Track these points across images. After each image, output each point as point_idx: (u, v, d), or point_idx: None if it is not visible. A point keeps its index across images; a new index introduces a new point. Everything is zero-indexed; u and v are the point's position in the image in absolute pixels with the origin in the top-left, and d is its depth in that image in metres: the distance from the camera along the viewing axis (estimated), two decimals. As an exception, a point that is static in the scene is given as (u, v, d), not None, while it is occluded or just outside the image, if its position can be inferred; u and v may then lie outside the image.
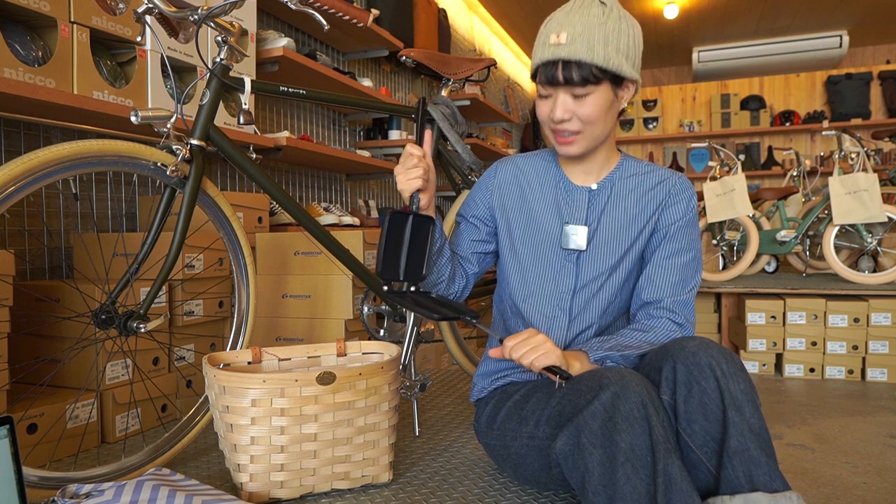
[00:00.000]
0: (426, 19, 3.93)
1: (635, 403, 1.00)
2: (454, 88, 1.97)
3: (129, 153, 1.31)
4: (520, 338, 1.16)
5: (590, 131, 1.23)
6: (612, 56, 1.17)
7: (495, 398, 1.36)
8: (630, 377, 1.05)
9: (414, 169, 1.23)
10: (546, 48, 1.19)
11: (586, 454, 1.01)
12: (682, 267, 1.31)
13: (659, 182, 1.34)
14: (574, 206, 1.34)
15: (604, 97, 1.20)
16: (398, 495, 1.36)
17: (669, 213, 1.32)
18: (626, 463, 0.97)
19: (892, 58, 6.90)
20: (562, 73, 1.18)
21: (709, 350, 1.08)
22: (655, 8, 5.67)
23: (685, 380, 1.07)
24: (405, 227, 1.21)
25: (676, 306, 1.29)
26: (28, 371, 1.75)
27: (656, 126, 7.10)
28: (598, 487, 0.98)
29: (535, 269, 1.35)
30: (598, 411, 1.02)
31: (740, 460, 1.00)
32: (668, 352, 1.12)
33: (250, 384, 1.25)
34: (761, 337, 2.71)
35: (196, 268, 1.92)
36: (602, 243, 1.32)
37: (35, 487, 1.20)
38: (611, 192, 1.34)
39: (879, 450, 1.72)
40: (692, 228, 1.33)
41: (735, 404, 1.03)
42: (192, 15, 1.37)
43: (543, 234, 1.35)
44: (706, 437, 1.04)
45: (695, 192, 1.35)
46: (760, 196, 3.62)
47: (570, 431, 1.05)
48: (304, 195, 3.28)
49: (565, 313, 1.33)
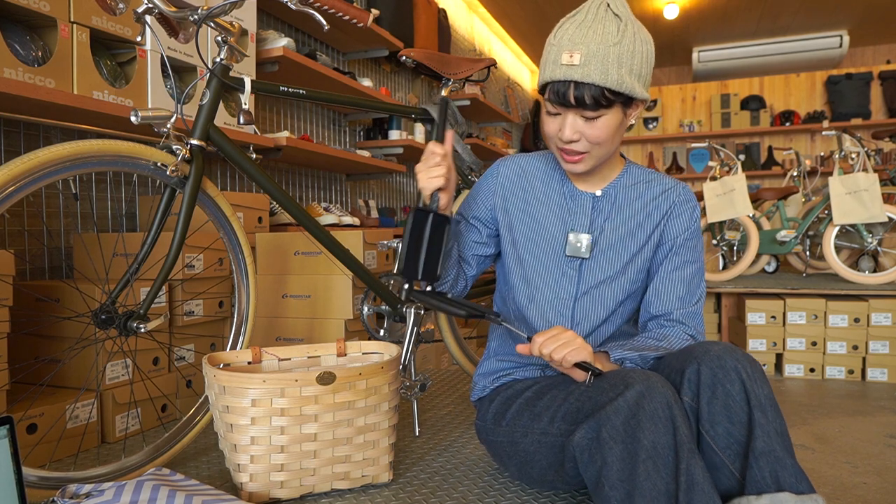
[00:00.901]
0: (426, 19, 3.93)
1: (661, 403, 1.01)
2: (454, 88, 1.97)
3: (129, 153, 1.31)
4: (549, 334, 1.16)
5: (597, 152, 1.23)
6: (626, 79, 1.14)
7: (501, 395, 1.36)
8: (655, 378, 1.06)
9: (436, 167, 1.22)
10: (557, 67, 1.16)
11: (606, 448, 1.01)
12: (688, 279, 1.31)
13: (663, 191, 1.34)
14: (578, 213, 1.33)
15: (614, 119, 1.19)
16: (398, 495, 1.36)
17: (674, 225, 1.32)
18: (648, 460, 0.97)
19: (892, 58, 6.90)
20: (573, 96, 1.15)
21: (734, 354, 1.08)
22: (655, 8, 5.67)
23: (709, 382, 1.06)
24: (426, 226, 1.21)
25: (686, 318, 1.30)
26: (28, 371, 1.75)
27: (656, 126, 7.10)
28: (616, 482, 0.98)
29: (537, 274, 1.35)
30: (621, 407, 1.02)
31: (766, 461, 1.00)
32: (692, 354, 1.11)
33: (250, 384, 1.25)
34: (761, 337, 2.71)
35: (196, 268, 1.92)
36: (604, 251, 1.32)
37: (35, 487, 1.20)
38: (615, 199, 1.33)
39: (879, 450, 1.72)
40: (696, 240, 1.33)
41: (760, 407, 1.03)
42: (192, 15, 1.37)
43: (547, 240, 1.34)
44: (729, 440, 1.04)
45: (698, 203, 1.36)
46: (760, 196, 3.62)
47: (590, 425, 1.06)
48: (304, 195, 3.28)
49: (567, 319, 1.33)
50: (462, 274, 1.39)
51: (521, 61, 7.05)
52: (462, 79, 1.92)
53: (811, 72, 6.77)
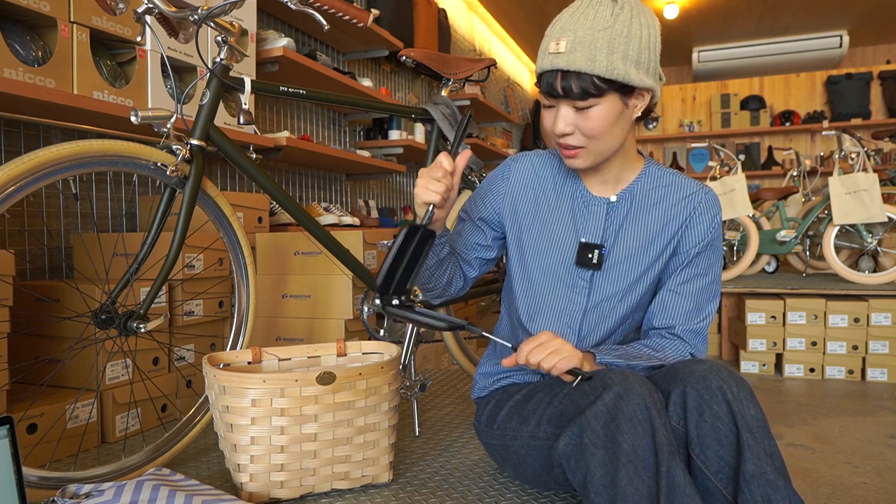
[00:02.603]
0: (426, 19, 3.93)
1: (638, 405, 0.99)
2: (454, 88, 1.96)
3: (129, 153, 1.31)
4: (536, 342, 1.13)
5: (594, 146, 1.15)
6: (618, 64, 1.07)
7: (496, 398, 1.36)
8: (633, 378, 1.04)
9: (437, 182, 1.11)
10: (545, 57, 1.11)
11: (588, 455, 1.00)
12: (698, 292, 1.24)
13: (684, 197, 1.24)
14: (590, 220, 1.25)
15: (610, 109, 1.11)
16: (398, 495, 1.36)
17: (691, 235, 1.23)
18: (629, 464, 0.96)
19: (892, 58, 6.90)
20: (560, 85, 1.09)
21: (719, 374, 1.05)
22: (655, 8, 5.67)
23: (696, 405, 1.04)
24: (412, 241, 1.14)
25: (687, 335, 1.24)
26: (28, 371, 1.75)
27: (656, 126, 7.10)
28: (599, 488, 0.98)
29: (545, 285, 1.28)
30: (600, 412, 1.01)
31: (758, 484, 0.97)
32: (677, 375, 1.08)
33: (250, 384, 1.25)
34: (761, 337, 2.71)
35: (196, 268, 1.92)
36: (618, 262, 1.24)
37: (35, 487, 1.20)
38: (630, 204, 1.25)
39: (879, 450, 1.72)
40: (714, 251, 1.25)
41: (748, 428, 1.00)
42: (192, 15, 1.37)
43: (557, 249, 1.27)
44: (721, 464, 1.02)
45: (720, 211, 1.25)
46: (760, 196, 3.62)
47: (573, 431, 1.04)
48: (304, 195, 3.28)
49: (574, 332, 1.27)
50: (459, 275, 1.34)
51: (521, 61, 7.05)
52: (462, 79, 1.92)
53: (811, 72, 6.77)
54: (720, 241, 1.26)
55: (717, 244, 1.25)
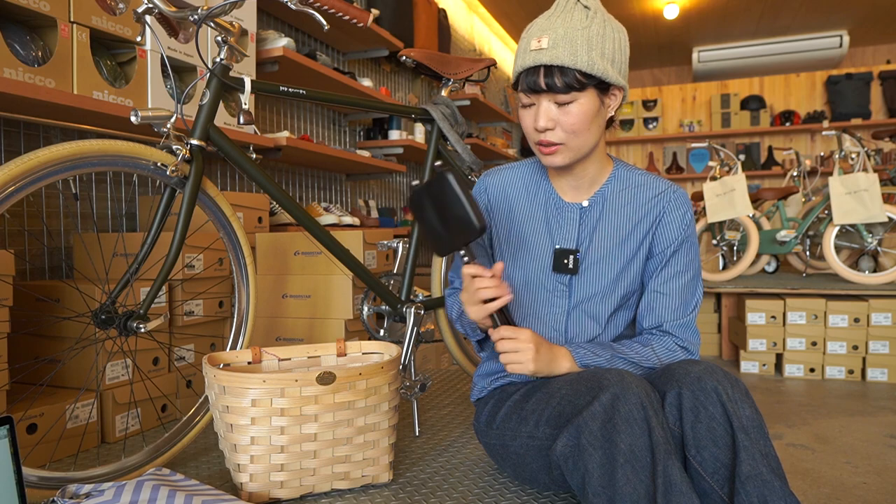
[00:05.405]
0: (426, 19, 3.93)
1: (635, 405, 1.00)
2: (454, 88, 1.97)
3: (129, 153, 1.31)
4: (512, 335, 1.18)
5: (574, 142, 1.19)
6: (597, 61, 1.13)
7: (494, 398, 1.36)
8: (630, 378, 1.05)
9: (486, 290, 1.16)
10: (527, 54, 1.15)
11: (586, 456, 1.00)
12: (682, 289, 1.28)
13: (654, 196, 1.29)
14: (565, 227, 1.30)
15: (589, 105, 1.16)
16: (398, 495, 1.36)
17: (664, 235, 1.27)
18: (626, 464, 0.96)
19: (892, 58, 6.90)
20: (544, 80, 1.14)
21: (714, 375, 1.06)
22: (655, 8, 5.67)
23: (691, 406, 1.05)
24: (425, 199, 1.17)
25: (678, 330, 1.27)
26: (28, 371, 1.75)
27: (656, 126, 7.10)
28: (598, 489, 0.98)
29: (527, 292, 1.33)
30: (597, 412, 1.01)
31: (754, 485, 0.97)
32: (672, 377, 1.10)
33: (250, 384, 1.25)
34: (761, 337, 2.71)
35: (196, 268, 1.92)
36: (594, 263, 1.29)
37: (35, 487, 1.20)
38: (602, 207, 1.29)
39: (879, 450, 1.72)
40: (690, 247, 1.29)
41: (743, 428, 1.01)
42: (192, 15, 1.37)
43: (534, 257, 1.32)
44: (717, 465, 1.02)
45: (691, 206, 1.30)
46: (760, 196, 3.62)
47: (570, 433, 1.05)
48: (304, 195, 3.28)
49: (561, 334, 1.31)
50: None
51: (521, 61, 7.04)
52: (462, 79, 1.92)
53: (811, 72, 6.77)
54: (695, 236, 1.30)
55: (693, 240, 1.29)
